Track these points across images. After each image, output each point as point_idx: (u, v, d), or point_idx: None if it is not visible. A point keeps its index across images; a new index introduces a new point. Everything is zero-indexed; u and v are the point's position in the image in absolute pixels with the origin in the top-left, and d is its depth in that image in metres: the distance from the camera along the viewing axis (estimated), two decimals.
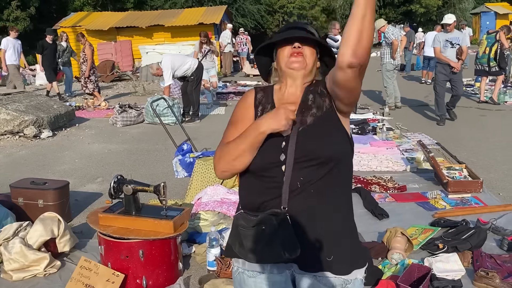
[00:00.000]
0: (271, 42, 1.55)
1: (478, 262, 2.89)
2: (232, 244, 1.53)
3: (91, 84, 9.97)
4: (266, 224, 1.40)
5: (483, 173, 4.70)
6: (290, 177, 1.42)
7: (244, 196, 1.55)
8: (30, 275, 2.95)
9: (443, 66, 7.19)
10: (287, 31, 1.54)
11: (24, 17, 22.82)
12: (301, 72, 1.51)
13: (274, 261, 1.47)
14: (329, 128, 1.47)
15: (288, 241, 1.40)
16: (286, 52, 1.51)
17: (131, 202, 2.84)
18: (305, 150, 1.42)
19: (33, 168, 5.57)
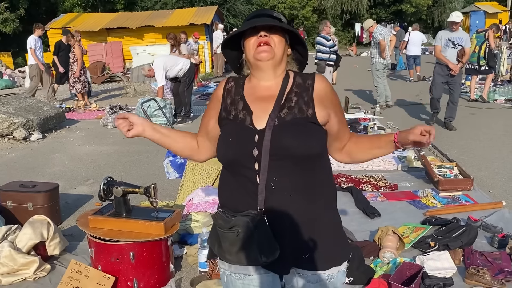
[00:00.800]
0: (236, 33, 1.47)
1: (469, 259, 2.90)
2: (211, 245, 1.50)
3: (79, 84, 9.87)
4: (242, 227, 1.34)
5: (474, 171, 4.72)
6: (266, 178, 1.37)
7: (220, 194, 1.53)
8: (19, 279, 2.91)
9: (442, 67, 6.73)
10: (252, 19, 1.45)
11: (13, 18, 22.63)
12: (269, 62, 1.43)
13: (251, 264, 1.43)
14: (306, 127, 1.41)
15: (266, 244, 1.36)
16: (253, 42, 1.42)
17: (121, 204, 2.81)
18: (278, 146, 1.36)
19: (23, 170, 5.52)
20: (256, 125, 1.42)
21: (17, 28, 23.00)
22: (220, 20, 20.58)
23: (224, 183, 1.51)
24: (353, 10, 32.19)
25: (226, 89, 1.53)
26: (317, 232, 1.44)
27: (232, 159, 1.42)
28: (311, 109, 1.43)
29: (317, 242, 1.43)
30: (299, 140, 1.37)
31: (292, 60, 1.53)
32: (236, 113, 1.46)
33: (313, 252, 1.43)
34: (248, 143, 1.39)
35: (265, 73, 1.47)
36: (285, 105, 1.43)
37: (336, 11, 32.49)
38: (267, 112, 1.42)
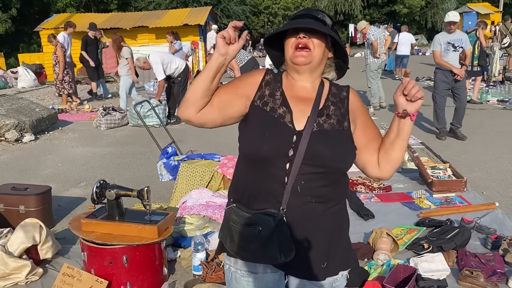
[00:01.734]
0: (277, 32, 1.45)
1: (463, 261, 2.91)
2: (223, 239, 1.48)
3: (67, 84, 9.79)
4: (263, 225, 1.35)
5: (467, 172, 4.74)
6: (295, 180, 1.36)
7: (235, 188, 1.49)
8: (11, 283, 2.88)
9: (444, 73, 6.20)
10: (295, 19, 1.43)
11: (5, 18, 22.50)
12: (306, 67, 1.42)
13: (268, 262, 1.43)
14: (342, 141, 1.42)
15: (285, 244, 1.37)
16: (292, 43, 1.41)
17: (114, 207, 2.79)
18: (315, 153, 1.36)
19: (15, 173, 5.47)
20: (296, 125, 1.40)
21: (9, 28, 22.86)
22: (214, 20, 20.56)
23: (242, 178, 1.47)
24: (347, 11, 32.32)
25: (265, 79, 1.49)
26: (330, 239, 1.45)
27: (265, 155, 1.38)
28: (347, 122, 1.45)
29: (329, 249, 1.45)
30: (335, 152, 1.38)
31: (332, 64, 1.51)
32: (274, 107, 1.43)
33: (328, 262, 1.45)
34: (286, 142, 1.38)
35: (301, 76, 1.46)
36: (323, 112, 1.43)
37: (330, 11, 32.57)
38: (305, 115, 1.41)
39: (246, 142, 1.43)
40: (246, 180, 1.45)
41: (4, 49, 22.67)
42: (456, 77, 6.11)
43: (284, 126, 1.39)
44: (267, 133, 1.38)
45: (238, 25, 1.37)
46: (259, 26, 35.36)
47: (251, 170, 1.43)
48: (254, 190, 1.42)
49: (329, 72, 1.52)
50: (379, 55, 8.46)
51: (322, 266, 1.44)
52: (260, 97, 1.46)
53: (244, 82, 1.49)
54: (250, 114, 1.45)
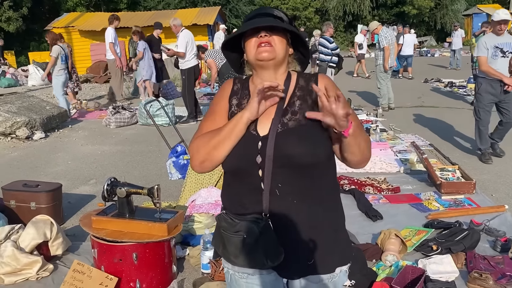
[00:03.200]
0: (237, 34, 1.45)
1: (472, 263, 2.90)
2: (216, 246, 1.50)
3: (71, 83, 9.77)
4: (247, 232, 1.35)
5: (476, 174, 4.72)
6: (270, 184, 1.36)
7: (224, 198, 1.52)
8: (22, 279, 2.92)
9: (491, 83, 5.18)
10: (252, 19, 1.43)
11: (16, 17, 22.68)
12: (271, 62, 1.41)
13: (257, 267, 1.44)
14: (310, 134, 1.37)
15: (271, 249, 1.37)
16: (253, 43, 1.40)
17: (125, 205, 2.82)
18: (283, 155, 1.34)
19: (26, 170, 5.53)
20: (260, 131, 1.39)
21: (20, 27, 23.05)
22: (222, 20, 20.60)
23: (228, 187, 1.50)
24: (356, 12, 32.19)
25: (233, 89, 1.51)
26: (321, 237, 1.44)
27: (236, 166, 1.40)
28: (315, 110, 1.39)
29: (321, 247, 1.44)
30: (304, 149, 1.35)
31: (294, 60, 1.51)
32: None
33: (317, 258, 1.44)
34: (251, 150, 1.38)
35: (266, 73, 1.44)
36: (287, 110, 1.41)
37: (339, 12, 32.49)
38: (269, 117, 1.40)
39: None
40: (231, 188, 1.47)
41: (15, 48, 22.88)
42: (506, 88, 5.11)
43: (249, 135, 1.38)
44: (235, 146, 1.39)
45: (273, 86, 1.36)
46: None
47: (231, 181, 1.46)
48: (238, 199, 1.44)
49: (294, 67, 1.52)
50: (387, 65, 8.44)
51: (308, 263, 1.43)
52: (230, 108, 1.48)
53: (220, 102, 1.50)
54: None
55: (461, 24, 26.50)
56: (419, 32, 31.39)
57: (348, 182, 4.50)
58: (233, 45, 1.50)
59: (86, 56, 17.40)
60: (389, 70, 8.71)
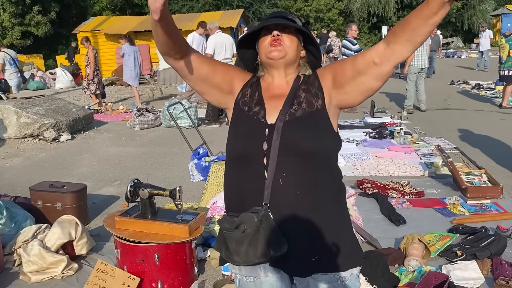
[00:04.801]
0: (250, 33, 1.51)
1: (498, 270, 2.83)
2: (218, 250, 1.50)
3: (93, 86, 9.99)
4: (247, 223, 1.36)
5: (503, 179, 4.61)
6: (274, 173, 1.37)
7: (227, 196, 1.53)
8: (48, 277, 2.99)
9: None
10: (267, 20, 1.49)
11: (45, 21, 23.26)
12: (281, 61, 1.46)
13: (260, 260, 1.40)
14: (316, 123, 1.41)
15: (273, 237, 1.36)
16: (266, 42, 1.47)
17: (147, 206, 2.85)
18: (289, 143, 1.37)
19: (52, 170, 5.66)
20: (268, 119, 1.44)
21: (48, 31, 23.62)
22: (245, 23, 20.68)
23: (230, 183, 1.50)
24: (380, 13, 31.86)
25: (251, 80, 1.57)
26: (324, 232, 1.42)
27: (241, 152, 1.43)
28: (320, 99, 1.45)
29: (325, 243, 1.42)
30: (308, 135, 1.38)
31: (306, 63, 1.56)
32: (251, 106, 1.50)
33: (321, 254, 1.42)
34: (258, 136, 1.42)
35: (276, 72, 1.50)
36: (294, 101, 1.45)
37: (363, 13, 32.22)
38: (278, 109, 1.45)
39: (227, 142, 1.49)
40: (233, 185, 1.49)
41: (43, 51, 23.49)
42: None
43: (256, 121, 1.44)
44: (241, 130, 1.45)
45: None
46: None
47: (236, 169, 1.47)
48: (241, 189, 1.45)
49: (305, 70, 1.56)
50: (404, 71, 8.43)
51: (312, 259, 1.41)
52: (243, 96, 1.53)
53: (236, 74, 1.56)
54: (233, 114, 1.53)
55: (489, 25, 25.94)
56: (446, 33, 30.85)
57: (371, 186, 4.45)
58: (248, 45, 1.57)
59: (111, 59, 17.74)
60: (422, 71, 8.64)
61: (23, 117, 7.13)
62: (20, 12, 22.42)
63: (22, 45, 23.16)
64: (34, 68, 18.50)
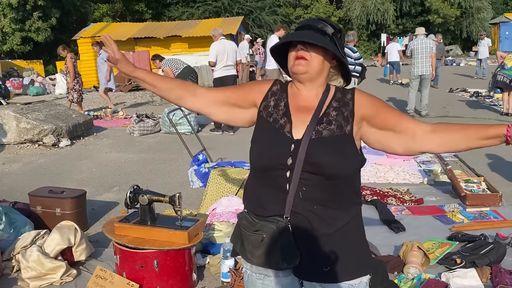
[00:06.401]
0: (278, 45, 1.51)
1: (497, 278, 2.83)
2: (234, 242, 1.55)
3: (75, 93, 9.87)
4: (267, 232, 1.40)
5: (502, 186, 4.61)
6: (296, 187, 1.39)
7: (246, 197, 1.56)
8: (46, 283, 2.98)
9: None
10: (296, 31, 1.49)
11: (45, 27, 23.31)
12: (304, 76, 1.46)
13: (272, 268, 1.47)
14: (343, 148, 1.41)
15: (288, 251, 1.40)
16: (292, 55, 1.46)
17: (147, 212, 2.86)
18: (313, 161, 1.38)
19: (52, 176, 5.66)
20: (294, 134, 1.44)
21: (48, 37, 23.67)
22: (245, 30, 20.76)
23: (251, 186, 1.53)
24: (379, 21, 31.99)
25: (272, 89, 1.55)
26: (338, 246, 1.45)
27: (266, 164, 1.44)
28: (350, 125, 1.44)
29: (339, 255, 1.44)
30: (334, 160, 1.38)
31: (338, 71, 1.54)
32: (276, 118, 1.49)
33: (333, 265, 1.44)
34: (284, 151, 1.42)
35: (303, 85, 1.50)
36: (323, 119, 1.44)
37: (362, 21, 32.33)
38: (304, 124, 1.44)
39: (251, 152, 1.49)
40: (254, 189, 1.51)
41: (43, 57, 23.54)
42: None
43: (282, 136, 1.44)
44: (267, 143, 1.44)
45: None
46: None
47: (257, 178, 1.49)
48: (260, 198, 1.47)
49: (336, 79, 1.55)
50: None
51: (324, 270, 1.44)
52: (265, 107, 1.52)
53: (254, 87, 1.58)
54: (256, 125, 1.53)
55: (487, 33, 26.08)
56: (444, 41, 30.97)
57: (370, 193, 4.45)
58: (281, 52, 1.55)
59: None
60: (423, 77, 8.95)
61: (23, 122, 7.14)
62: (21, 18, 22.47)
63: (22, 50, 23.20)
64: (34, 74, 18.55)
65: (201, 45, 16.99)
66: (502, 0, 35.40)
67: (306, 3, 34.44)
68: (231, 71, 7.78)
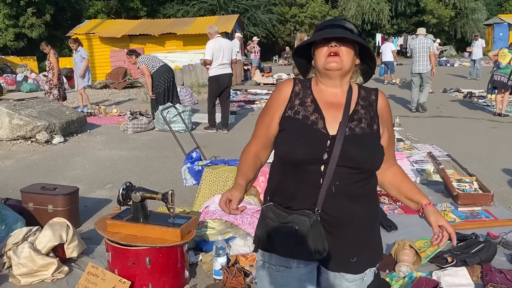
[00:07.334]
0: (309, 42, 1.54)
1: (488, 276, 2.85)
2: (260, 235, 1.58)
3: (56, 90, 9.76)
4: (299, 224, 1.45)
5: (494, 186, 4.65)
6: (330, 182, 1.44)
7: (274, 190, 1.57)
8: (38, 280, 2.97)
9: None
10: (324, 29, 1.52)
11: (39, 23, 23.19)
12: (338, 72, 1.50)
13: (304, 259, 1.52)
14: (374, 145, 1.51)
15: (319, 243, 1.46)
16: (324, 52, 1.49)
17: (139, 209, 2.85)
18: (348, 156, 1.44)
19: (44, 173, 5.63)
20: (329, 131, 1.48)
21: (42, 33, 23.56)
22: (240, 28, 20.73)
23: (279, 180, 1.55)
24: (374, 21, 32.10)
25: (294, 90, 1.58)
26: (364, 237, 1.54)
27: (301, 158, 1.47)
28: (376, 124, 1.53)
29: (363, 247, 1.54)
30: (367, 155, 1.47)
31: (359, 70, 1.60)
32: (307, 114, 1.52)
33: (358, 257, 1.53)
34: (320, 147, 1.46)
35: (332, 81, 1.54)
36: (353, 117, 1.51)
37: (357, 21, 32.42)
38: (336, 120, 1.50)
39: (282, 146, 1.51)
40: (282, 183, 1.54)
41: (37, 53, 23.38)
42: None
43: (318, 132, 1.48)
44: (301, 139, 1.47)
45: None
46: (285, 35, 35.44)
47: (287, 173, 1.52)
48: (290, 192, 1.51)
49: (356, 77, 1.61)
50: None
51: (351, 261, 1.52)
52: (291, 108, 1.55)
53: (276, 102, 1.59)
54: (282, 124, 1.54)
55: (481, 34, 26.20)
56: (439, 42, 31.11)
57: None
58: (303, 50, 1.59)
59: (106, 62, 17.72)
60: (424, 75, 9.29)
61: (16, 119, 7.10)
62: (15, 14, 22.34)
63: (15, 47, 23.08)
64: (27, 70, 18.43)
65: (196, 43, 16.98)
66: (496, 2, 35.61)
67: (302, 2, 34.50)
68: (227, 69, 7.76)
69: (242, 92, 13.72)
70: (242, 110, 10.38)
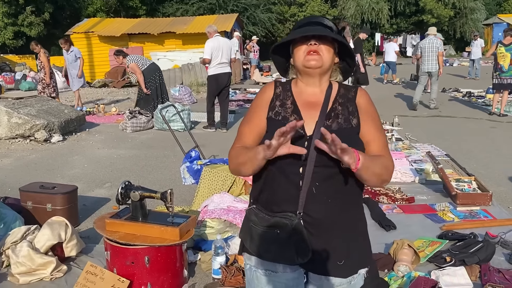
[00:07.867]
0: (287, 40, 1.52)
1: (486, 276, 2.86)
2: (243, 239, 1.56)
3: (48, 89, 9.70)
4: (281, 228, 1.42)
5: (493, 186, 4.65)
6: (309, 183, 1.41)
7: (257, 191, 1.55)
8: (36, 279, 2.96)
9: None
10: (303, 27, 1.49)
11: (38, 22, 23.16)
12: (317, 70, 1.48)
13: (287, 263, 1.49)
14: (351, 139, 1.43)
15: (302, 246, 1.42)
16: (303, 50, 1.47)
17: (138, 208, 2.85)
18: (324, 154, 1.39)
19: (43, 172, 5.63)
20: (307, 131, 1.46)
21: (41, 31, 23.52)
22: (240, 27, 20.71)
23: (261, 183, 1.53)
24: (374, 20, 32.08)
25: (276, 92, 1.57)
26: (349, 239, 1.50)
27: (280, 160, 1.44)
28: (356, 119, 1.49)
29: (349, 249, 1.49)
30: None
31: (338, 68, 1.58)
32: (286, 115, 1.50)
33: (344, 259, 1.49)
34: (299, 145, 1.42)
35: (312, 80, 1.52)
36: (330, 114, 1.49)
37: (357, 20, 32.40)
38: (314, 119, 1.47)
39: None
40: (264, 185, 1.51)
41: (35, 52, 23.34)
42: None
43: (296, 133, 1.43)
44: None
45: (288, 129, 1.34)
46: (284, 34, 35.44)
47: (269, 175, 1.49)
48: (272, 194, 1.48)
49: (336, 75, 1.59)
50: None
51: (339, 264, 1.48)
52: (271, 109, 1.54)
53: (261, 103, 1.57)
54: (267, 128, 1.53)
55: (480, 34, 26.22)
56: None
57: None
58: (281, 49, 1.57)
59: (105, 61, 17.70)
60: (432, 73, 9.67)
61: (14, 117, 7.09)
62: (13, 12, 22.31)
63: (14, 45, 23.05)
64: (26, 69, 18.41)
65: (195, 42, 16.97)
66: (495, 1, 35.64)
67: (301, 1, 34.49)
68: (226, 68, 7.75)
69: (241, 91, 13.72)
70: (241, 109, 10.38)
